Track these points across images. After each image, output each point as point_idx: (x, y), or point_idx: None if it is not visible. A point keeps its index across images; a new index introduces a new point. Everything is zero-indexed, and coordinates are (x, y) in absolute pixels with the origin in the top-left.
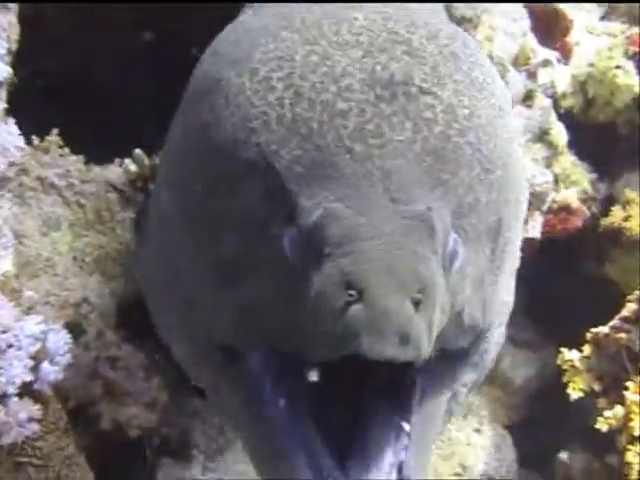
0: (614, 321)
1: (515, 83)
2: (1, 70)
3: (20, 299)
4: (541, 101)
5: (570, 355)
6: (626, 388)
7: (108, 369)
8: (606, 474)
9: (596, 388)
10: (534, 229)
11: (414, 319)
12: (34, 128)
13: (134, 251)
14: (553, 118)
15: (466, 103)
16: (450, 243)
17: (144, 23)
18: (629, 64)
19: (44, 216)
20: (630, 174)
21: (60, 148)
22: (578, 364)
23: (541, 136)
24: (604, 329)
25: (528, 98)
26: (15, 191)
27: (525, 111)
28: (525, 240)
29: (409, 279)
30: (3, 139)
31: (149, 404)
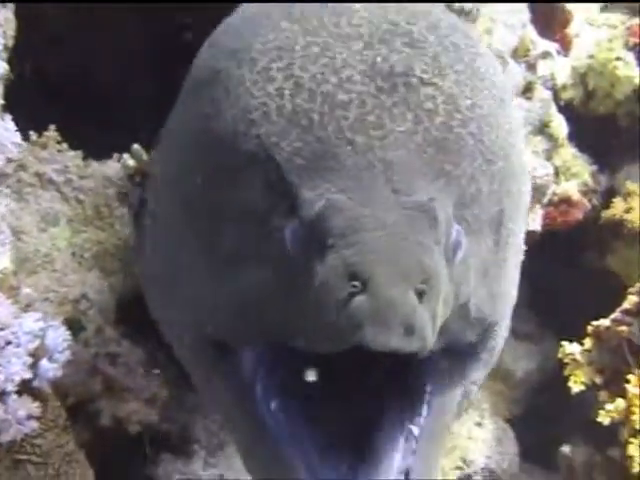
0: (615, 314)
1: (515, 75)
2: None
3: (18, 296)
4: (541, 93)
5: (571, 348)
6: (627, 381)
7: (108, 365)
8: (608, 467)
9: (597, 381)
10: (535, 222)
11: (418, 309)
12: (34, 128)
13: (133, 246)
14: (553, 110)
15: (468, 94)
16: (453, 234)
17: (144, 23)
18: (629, 55)
19: (42, 212)
20: (631, 166)
21: (58, 144)
22: (579, 357)
23: (541, 128)
24: (605, 322)
25: (528, 90)
26: (13, 187)
27: (525, 103)
28: (526, 233)
29: (413, 270)
30: (0, 135)
31: (149, 400)
